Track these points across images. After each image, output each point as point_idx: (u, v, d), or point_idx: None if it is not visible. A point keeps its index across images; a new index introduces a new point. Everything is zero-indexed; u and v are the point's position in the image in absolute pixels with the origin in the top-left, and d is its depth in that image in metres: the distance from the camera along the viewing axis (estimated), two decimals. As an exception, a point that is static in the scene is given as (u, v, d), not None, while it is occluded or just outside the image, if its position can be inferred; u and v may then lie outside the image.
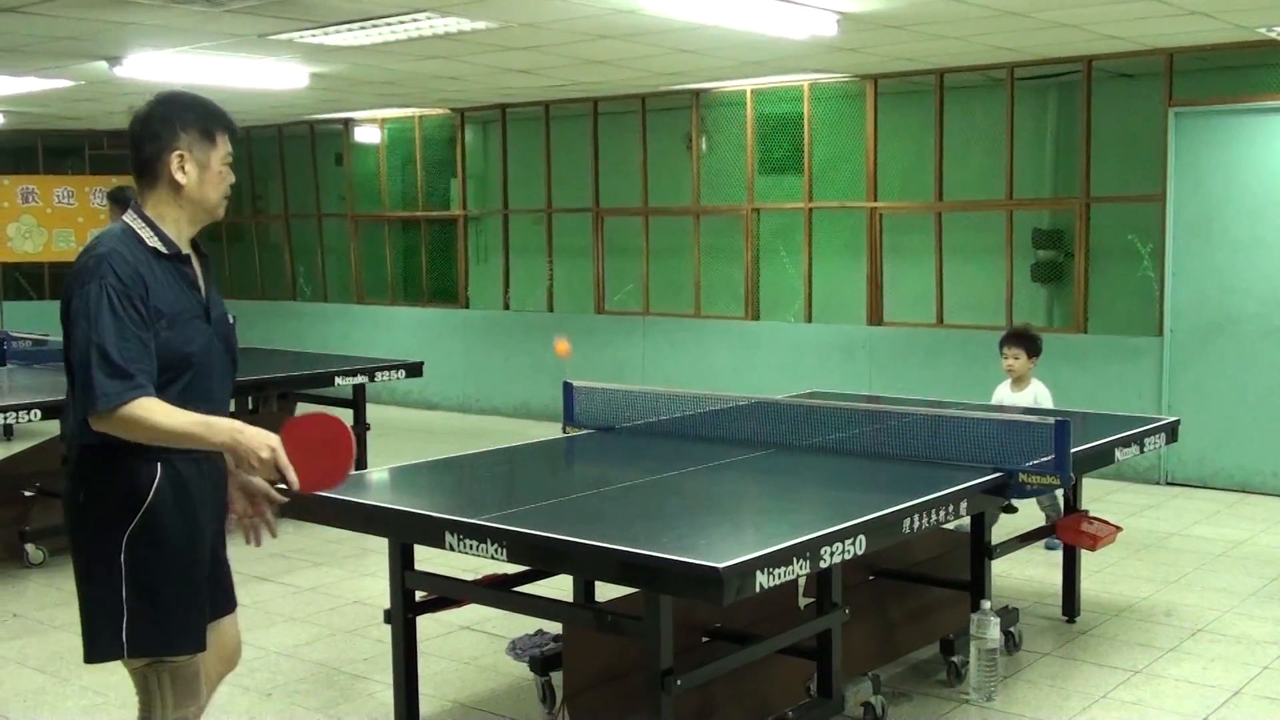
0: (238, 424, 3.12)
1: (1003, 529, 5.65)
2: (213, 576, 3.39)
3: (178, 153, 3.23)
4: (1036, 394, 7.11)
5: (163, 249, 3.22)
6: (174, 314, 3.20)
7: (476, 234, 13.69)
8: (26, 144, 14.76)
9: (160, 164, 3.23)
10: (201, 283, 3.35)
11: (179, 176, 3.23)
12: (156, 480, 3.17)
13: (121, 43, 8.37)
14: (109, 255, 3.12)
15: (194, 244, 3.38)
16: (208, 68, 9.16)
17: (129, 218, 3.25)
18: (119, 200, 11.72)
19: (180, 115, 3.26)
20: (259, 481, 3.50)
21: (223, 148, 3.31)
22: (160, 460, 3.17)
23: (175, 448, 3.15)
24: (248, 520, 3.54)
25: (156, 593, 3.18)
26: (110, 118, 13.27)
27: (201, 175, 3.26)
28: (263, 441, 3.07)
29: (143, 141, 3.25)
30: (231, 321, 3.54)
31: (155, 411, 3.06)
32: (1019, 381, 7.18)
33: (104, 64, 9.05)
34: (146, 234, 3.22)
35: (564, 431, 5.80)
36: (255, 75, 9.70)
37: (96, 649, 3.20)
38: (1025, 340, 7.20)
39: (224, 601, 3.51)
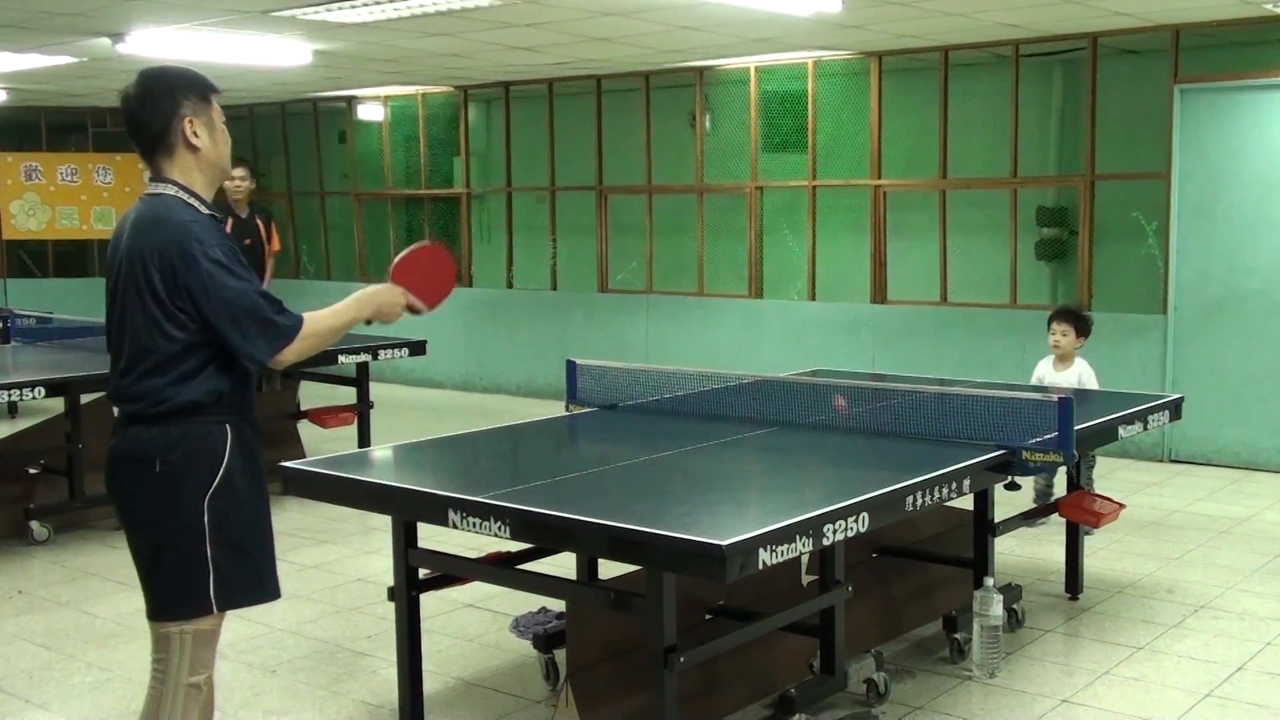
0: (367, 293, 3.53)
1: (1007, 506, 5.65)
2: None
3: (187, 119, 3.34)
4: (1081, 373, 7.00)
5: (212, 212, 3.39)
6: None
7: (479, 212, 13.68)
8: (30, 121, 14.74)
9: (173, 133, 3.34)
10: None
11: (195, 140, 3.35)
12: (229, 441, 3.33)
13: (125, 19, 8.35)
14: (193, 222, 3.27)
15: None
16: (211, 44, 9.14)
17: (169, 189, 3.34)
18: None
19: (177, 84, 3.37)
20: None
21: (216, 107, 3.45)
22: (230, 423, 3.34)
23: (239, 410, 3.37)
24: None
25: (242, 549, 3.36)
26: (113, 95, 13.22)
27: (213, 136, 3.40)
28: (395, 299, 3.56)
29: (148, 119, 3.34)
30: None
31: (319, 319, 3.38)
32: (1064, 360, 7.07)
33: (107, 40, 9.03)
34: (195, 201, 3.35)
35: (567, 410, 5.80)
36: (258, 52, 9.68)
37: (178, 606, 3.32)
38: (1075, 318, 7.10)
39: None
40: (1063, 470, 5.26)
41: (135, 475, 3.32)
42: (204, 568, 3.30)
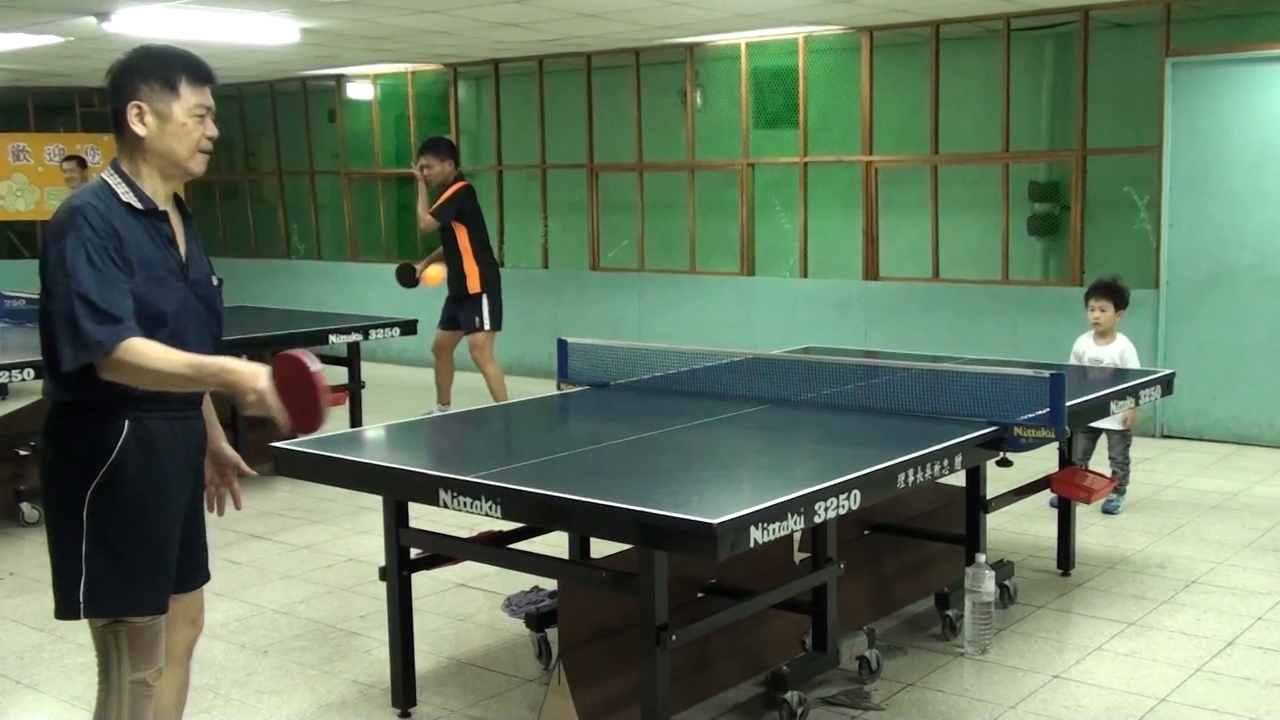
0: (229, 362, 3.06)
1: (998, 483, 5.65)
2: (186, 545, 3.33)
3: (135, 104, 3.16)
4: (1124, 350, 6.93)
5: (137, 204, 3.15)
6: (147, 270, 3.12)
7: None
8: (17, 102, 14.66)
9: (121, 117, 3.18)
10: (180, 241, 3.27)
11: (137, 128, 3.16)
12: (123, 436, 3.11)
13: (110, -3, 8.30)
14: (82, 208, 3.06)
15: (178, 202, 3.31)
16: (198, 22, 9.08)
17: (106, 173, 3.20)
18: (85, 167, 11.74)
19: (140, 65, 3.19)
20: (229, 450, 3.49)
21: (189, 98, 3.20)
22: (129, 417, 3.12)
23: (146, 404, 3.13)
24: (213, 489, 3.52)
25: (117, 552, 3.12)
26: (100, 75, 13.09)
27: (162, 126, 3.17)
28: (250, 383, 3.02)
29: (108, 94, 3.21)
30: (216, 284, 3.45)
31: (149, 352, 3.02)
32: (1104, 335, 7.00)
33: (93, 19, 8.96)
34: (121, 189, 3.15)
35: (558, 388, 5.78)
36: (246, 30, 9.62)
37: (61, 607, 3.18)
38: (1113, 292, 7.00)
39: (198, 573, 3.45)
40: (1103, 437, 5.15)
41: (40, 462, 3.23)
42: (77, 567, 3.11)
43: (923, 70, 10.11)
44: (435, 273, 9.07)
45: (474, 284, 8.95)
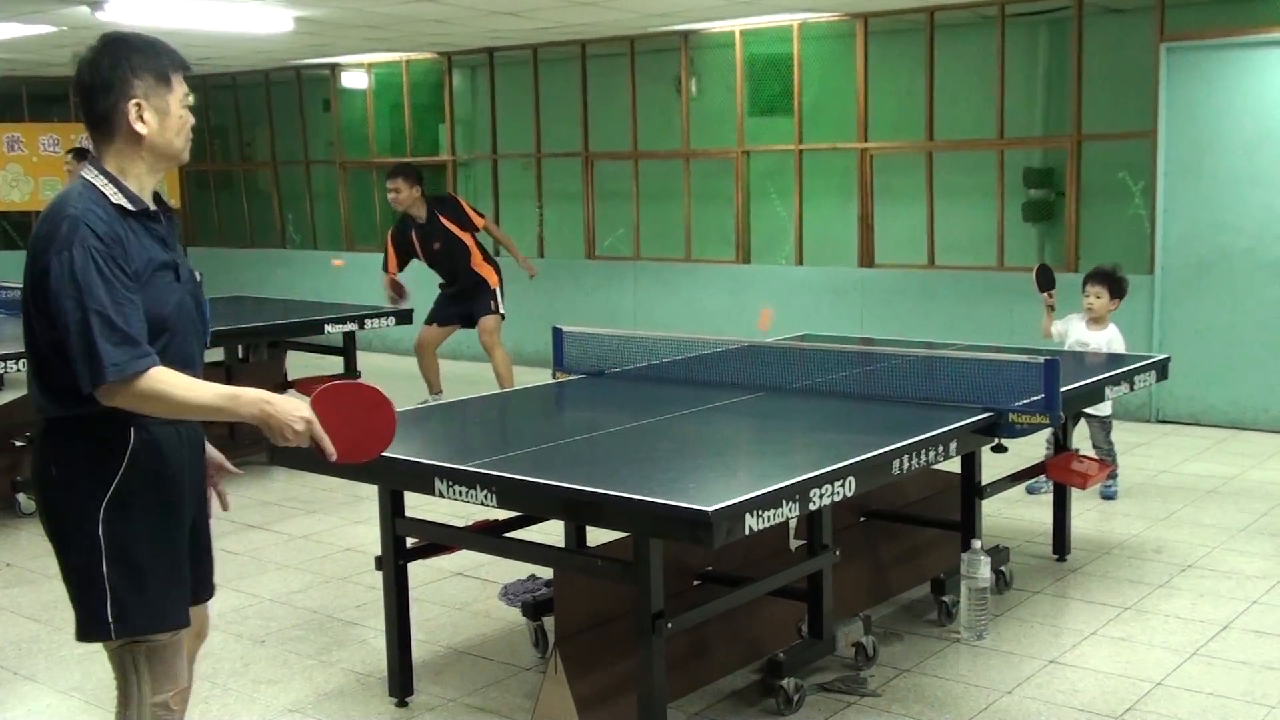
0: (265, 394, 2.94)
1: (994, 469, 5.66)
2: (194, 556, 3.21)
3: (134, 101, 2.98)
4: (1112, 339, 6.94)
5: (129, 206, 2.98)
6: (148, 274, 2.97)
7: (465, 179, 13.62)
8: (11, 91, 14.62)
9: (117, 115, 2.98)
10: (168, 239, 3.14)
11: (139, 127, 2.99)
12: (130, 447, 2.97)
13: (103, -14, 8.28)
14: (83, 216, 2.87)
15: (156, 198, 3.15)
16: (191, 11, 9.06)
17: (89, 174, 3.00)
18: (84, 157, 11.71)
19: (130, 59, 2.99)
20: (212, 450, 3.37)
21: (179, 89, 3.06)
22: (134, 427, 2.98)
23: (147, 417, 2.97)
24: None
25: (139, 567, 2.99)
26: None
27: (163, 122, 3.02)
28: (295, 414, 2.92)
29: (94, 92, 2.99)
30: (199, 278, 3.33)
31: (176, 383, 2.87)
32: (1097, 321, 7.00)
33: (86, 9, 8.94)
34: (110, 190, 2.97)
35: (554, 377, 5.79)
36: (239, 19, 9.60)
37: (85, 630, 3.03)
38: (1110, 280, 6.99)
39: (206, 586, 3.34)
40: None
41: (35, 488, 3.07)
42: (100, 588, 2.96)
43: (917, 57, 10.09)
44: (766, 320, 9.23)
45: (493, 280, 9.35)
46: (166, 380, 2.87)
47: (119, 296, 2.85)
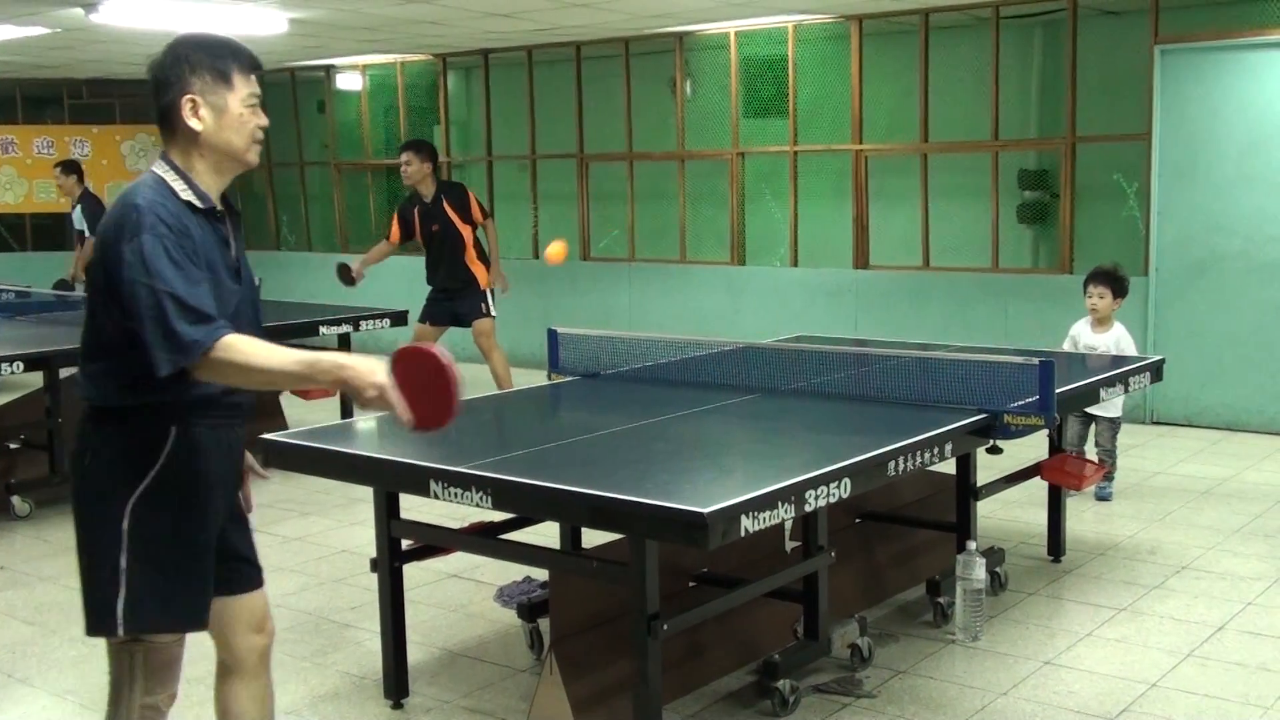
0: (341, 359, 2.94)
1: (989, 470, 5.66)
2: (231, 545, 3.24)
3: (189, 98, 3.02)
4: (1119, 338, 6.94)
5: (197, 203, 3.02)
6: (209, 272, 2.99)
7: (460, 181, 13.60)
8: (5, 94, 14.59)
9: (174, 112, 3.03)
10: (232, 241, 3.15)
11: (193, 123, 3.03)
12: (169, 444, 3.01)
13: (96, -11, 8.27)
14: (151, 205, 2.92)
15: (224, 199, 3.17)
16: (185, 13, 9.05)
17: (159, 168, 3.05)
18: (73, 170, 11.69)
19: (189, 57, 3.04)
20: (246, 455, 3.38)
21: (242, 88, 3.09)
22: (176, 424, 3.01)
23: (193, 413, 3.02)
24: None
25: (158, 564, 3.02)
26: (87, 66, 13.12)
27: (219, 120, 3.05)
28: (368, 381, 2.89)
29: (157, 89, 3.05)
30: (257, 283, 3.36)
31: (253, 350, 2.90)
32: (1102, 323, 6.99)
33: (80, 11, 8.93)
34: (179, 185, 3.01)
35: (549, 379, 5.78)
36: (234, 21, 9.59)
37: (94, 622, 3.05)
38: (1112, 279, 6.98)
39: (247, 573, 3.34)
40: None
41: (74, 470, 3.07)
42: (115, 581, 2.98)
43: (912, 58, 10.10)
44: (557, 250, 9.23)
45: (484, 279, 9.20)
46: (245, 348, 2.90)
47: (191, 276, 2.89)
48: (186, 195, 3.01)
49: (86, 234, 11.56)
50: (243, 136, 3.10)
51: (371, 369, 2.91)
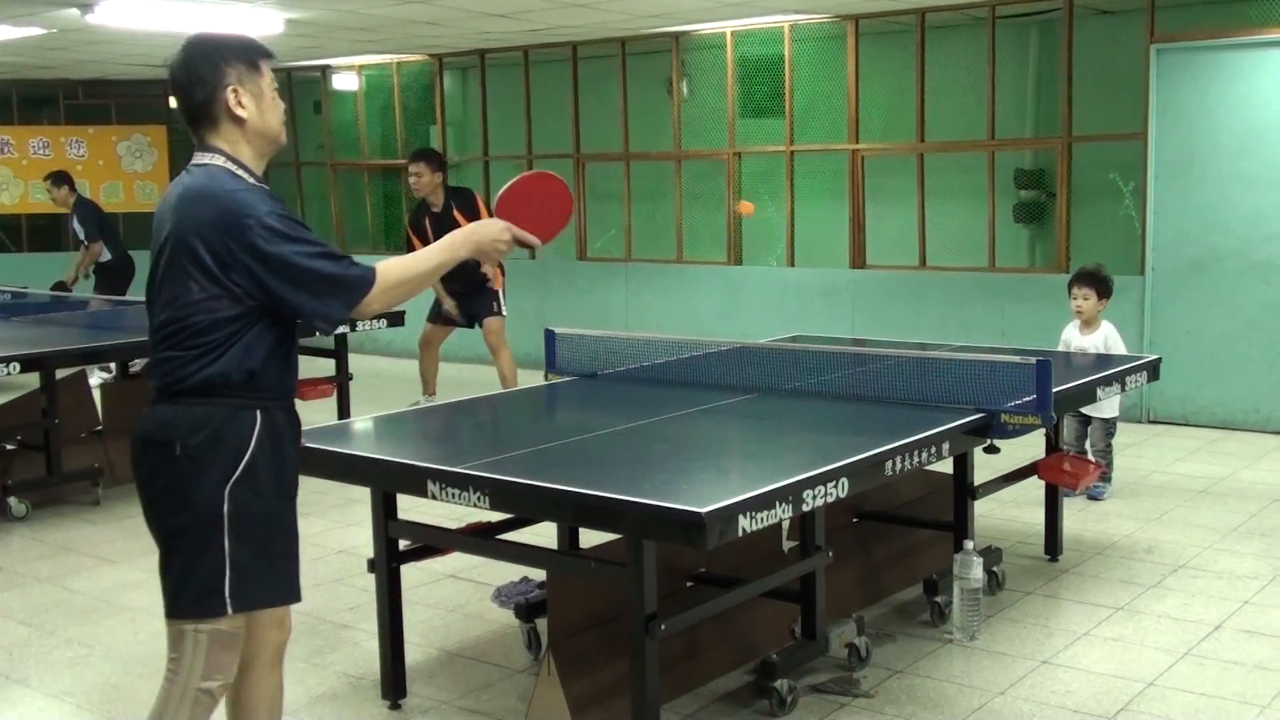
0: (464, 233, 3.38)
1: (986, 469, 5.67)
2: None
3: (231, 88, 3.18)
4: (1107, 337, 6.94)
5: (253, 182, 3.21)
6: None
7: (457, 181, 13.58)
8: (1, 95, 14.58)
9: (217, 104, 3.18)
10: None
11: (240, 111, 3.19)
12: (257, 428, 3.15)
13: (93, -11, 8.27)
14: (242, 190, 3.11)
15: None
16: (180, 14, 9.05)
17: (216, 159, 3.19)
18: (63, 181, 11.66)
19: (222, 51, 3.20)
20: None
21: (267, 74, 3.27)
22: (260, 408, 3.16)
23: (270, 395, 3.17)
24: None
25: (260, 544, 3.17)
26: (84, 67, 13.11)
27: (259, 105, 3.23)
28: (495, 233, 3.40)
29: (192, 88, 3.18)
30: None
31: (403, 264, 3.26)
32: (1089, 324, 7.00)
33: (76, 11, 8.93)
34: (242, 172, 3.19)
35: (546, 379, 5.78)
36: (230, 22, 9.57)
37: (195, 605, 3.13)
38: (1096, 280, 6.99)
39: None
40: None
41: (156, 459, 3.12)
42: (220, 563, 3.10)
43: (908, 58, 10.11)
44: (748, 208, 9.22)
45: (498, 280, 9.28)
46: (397, 267, 3.26)
47: (315, 237, 3.16)
48: (250, 179, 3.20)
49: (85, 241, 11.56)
50: (277, 117, 3.30)
51: (491, 225, 3.42)
